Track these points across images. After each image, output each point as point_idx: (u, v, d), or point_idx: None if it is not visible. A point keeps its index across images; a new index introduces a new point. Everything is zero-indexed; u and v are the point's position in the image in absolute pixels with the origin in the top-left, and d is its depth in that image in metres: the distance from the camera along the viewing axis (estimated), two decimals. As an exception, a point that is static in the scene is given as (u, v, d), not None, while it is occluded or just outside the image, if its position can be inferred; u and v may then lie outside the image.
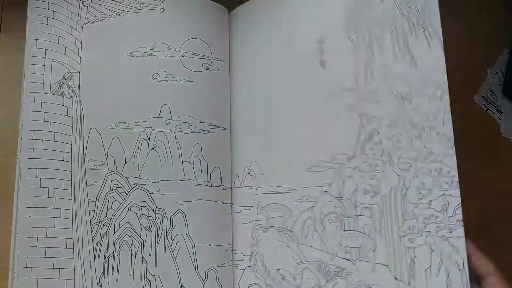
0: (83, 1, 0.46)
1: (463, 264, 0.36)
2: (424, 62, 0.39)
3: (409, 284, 0.38)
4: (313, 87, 0.44)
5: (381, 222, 0.39)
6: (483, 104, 0.53)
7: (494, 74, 0.53)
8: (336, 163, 0.42)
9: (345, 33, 0.43)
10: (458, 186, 0.37)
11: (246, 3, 0.50)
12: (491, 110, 0.53)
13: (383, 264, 0.39)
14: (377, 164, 0.40)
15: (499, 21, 0.55)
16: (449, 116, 0.38)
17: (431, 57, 0.39)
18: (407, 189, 0.39)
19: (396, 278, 0.38)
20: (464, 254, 0.36)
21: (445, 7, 0.41)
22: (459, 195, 0.37)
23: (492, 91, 0.53)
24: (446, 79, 0.38)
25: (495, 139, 0.52)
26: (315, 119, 0.43)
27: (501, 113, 0.52)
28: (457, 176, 0.37)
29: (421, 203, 0.38)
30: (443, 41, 0.39)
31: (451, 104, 0.38)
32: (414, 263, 0.38)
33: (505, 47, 0.54)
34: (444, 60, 0.39)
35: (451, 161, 0.37)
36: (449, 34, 0.41)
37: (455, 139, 0.38)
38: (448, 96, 0.38)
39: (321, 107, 0.43)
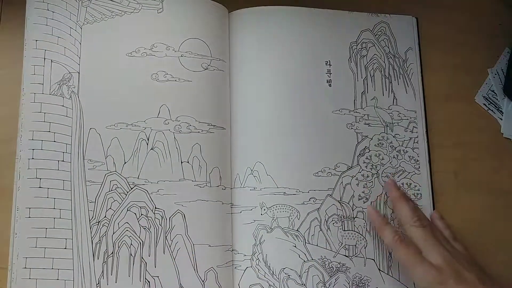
0: (82, 2, 0.47)
1: None
2: (402, 102, 0.51)
3: (387, 273, 0.47)
4: (321, 101, 0.50)
5: (370, 223, 0.48)
6: (484, 104, 0.53)
7: (495, 74, 0.53)
8: (339, 171, 0.48)
9: (347, 63, 0.52)
10: (421, 198, 0.49)
11: (249, 8, 0.51)
12: (492, 110, 0.52)
13: (371, 259, 0.47)
14: (368, 175, 0.49)
15: (499, 21, 0.55)
16: (417, 145, 0.50)
17: (407, 100, 0.52)
18: (388, 197, 0.49)
19: (379, 269, 0.47)
20: None
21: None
22: (421, 205, 0.49)
23: (493, 91, 0.53)
24: (415, 117, 0.51)
25: (496, 139, 0.52)
26: (322, 129, 0.49)
27: (502, 113, 0.52)
28: (421, 190, 0.49)
29: None
30: (416, 89, 0.52)
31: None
32: (391, 257, 0.47)
33: (506, 47, 0.54)
34: (414, 103, 0.51)
35: (418, 179, 0.50)
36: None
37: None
38: (417, 130, 0.51)
39: (328, 119, 0.50)
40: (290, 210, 0.46)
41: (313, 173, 0.48)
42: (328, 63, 0.51)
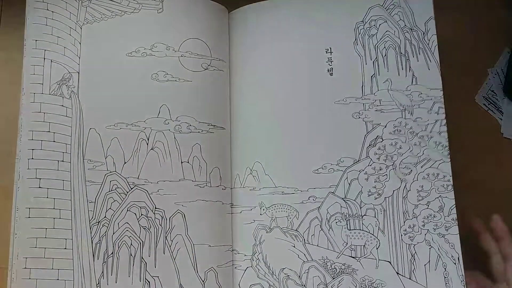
0: (82, 2, 0.46)
1: (458, 258, 0.42)
2: (423, 80, 0.45)
3: (410, 278, 0.42)
4: (321, 92, 0.47)
5: (384, 221, 0.44)
6: (484, 104, 0.53)
7: (495, 74, 0.53)
8: (343, 166, 0.45)
9: (353, 46, 0.47)
10: (452, 189, 0.43)
11: (248, 5, 0.50)
12: (492, 110, 0.52)
13: (386, 261, 0.43)
14: (381, 167, 0.45)
15: (500, 21, 0.55)
16: (444, 128, 0.44)
17: (429, 77, 0.45)
18: (408, 191, 0.44)
19: (398, 273, 0.43)
20: (458, 249, 0.42)
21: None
22: (453, 198, 0.42)
23: (493, 91, 0.53)
24: (442, 96, 0.44)
25: (496, 139, 0.52)
26: (323, 123, 0.46)
27: (502, 113, 0.52)
28: (451, 180, 0.43)
29: (420, 204, 0.43)
30: (440, 63, 0.45)
31: (448, 107, 0.44)
32: (414, 259, 0.43)
33: (506, 47, 0.54)
34: (440, 80, 0.45)
35: (446, 168, 0.43)
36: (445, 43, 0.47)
37: (450, 147, 0.44)
38: (443, 110, 0.44)
39: (329, 112, 0.46)
40: (288, 209, 0.46)
41: (312, 170, 0.46)
42: (329, 51, 0.48)
